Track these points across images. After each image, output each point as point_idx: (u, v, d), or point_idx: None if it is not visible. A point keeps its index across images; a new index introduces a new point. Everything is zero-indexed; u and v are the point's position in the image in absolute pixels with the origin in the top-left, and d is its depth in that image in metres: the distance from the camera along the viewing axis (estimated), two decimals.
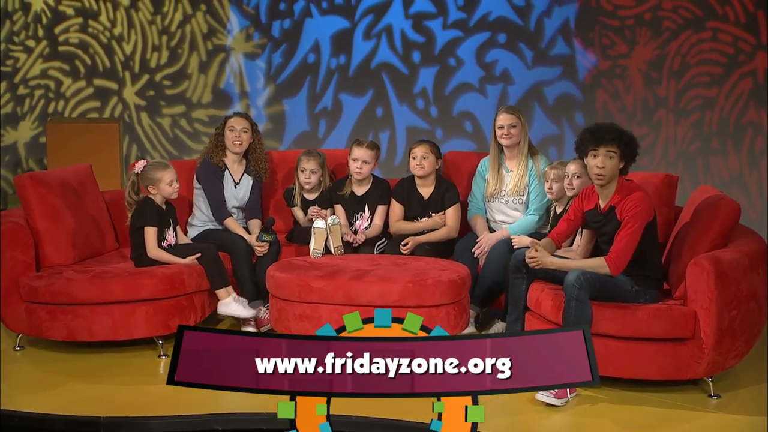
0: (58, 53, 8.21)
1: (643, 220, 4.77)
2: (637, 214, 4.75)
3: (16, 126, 8.29)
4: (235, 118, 5.90)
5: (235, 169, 5.96)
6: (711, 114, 7.40)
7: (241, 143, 5.86)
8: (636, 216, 4.75)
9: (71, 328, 5.21)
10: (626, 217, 4.77)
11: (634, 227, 4.76)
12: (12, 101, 8.33)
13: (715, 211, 4.96)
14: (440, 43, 7.73)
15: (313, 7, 7.85)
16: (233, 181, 5.93)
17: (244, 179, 5.97)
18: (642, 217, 4.77)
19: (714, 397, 4.82)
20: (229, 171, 5.93)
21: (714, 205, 4.99)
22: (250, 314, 5.52)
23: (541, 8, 7.55)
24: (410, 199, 5.89)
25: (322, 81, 7.92)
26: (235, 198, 5.93)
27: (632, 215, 4.75)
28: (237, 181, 5.95)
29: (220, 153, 5.90)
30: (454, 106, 7.72)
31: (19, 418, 4.63)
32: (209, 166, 5.89)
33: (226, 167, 5.92)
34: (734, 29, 7.29)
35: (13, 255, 5.27)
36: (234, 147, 5.86)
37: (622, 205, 4.80)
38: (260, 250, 5.70)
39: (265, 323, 5.64)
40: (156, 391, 4.95)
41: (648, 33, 7.41)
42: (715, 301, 4.59)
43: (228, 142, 5.86)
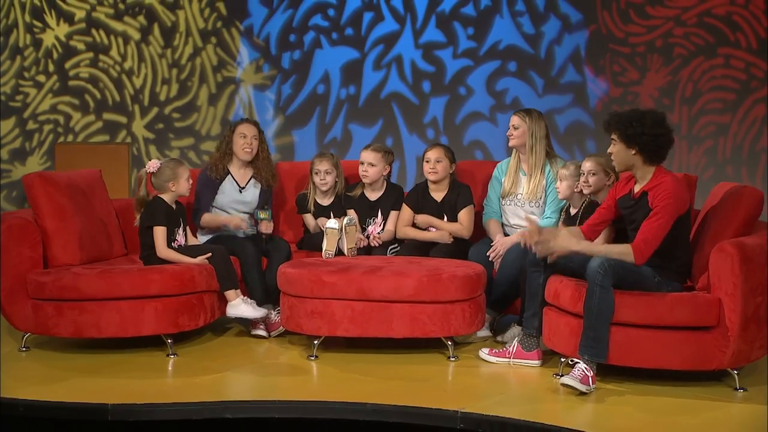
0: (68, 88, 8.26)
1: (674, 211, 4.69)
2: (668, 204, 4.67)
3: (24, 161, 8.30)
4: (245, 125, 5.92)
5: (240, 174, 5.95)
6: (724, 141, 7.40)
7: (252, 150, 5.88)
8: (667, 207, 4.67)
9: (78, 324, 5.13)
10: (657, 207, 4.69)
11: (665, 218, 4.67)
12: (21, 136, 8.35)
13: (739, 201, 4.92)
14: (450, 73, 7.77)
15: (323, 38, 7.93)
16: (238, 186, 5.91)
17: (251, 185, 5.95)
18: (673, 208, 4.69)
19: (740, 390, 4.71)
20: (233, 177, 5.92)
21: (737, 195, 4.95)
22: (259, 315, 5.44)
23: (552, 36, 7.61)
24: (424, 204, 5.87)
25: (332, 111, 7.95)
26: (240, 203, 5.91)
27: (663, 205, 4.67)
28: (243, 186, 5.92)
29: (225, 160, 5.90)
30: (465, 135, 7.73)
31: (25, 406, 4.54)
32: (205, 178, 5.89)
33: (228, 174, 5.91)
34: (746, 55, 7.34)
35: (21, 251, 5.23)
36: (244, 154, 5.88)
37: (654, 192, 4.73)
38: (263, 229, 5.73)
39: (276, 327, 5.56)
40: (164, 384, 4.88)
41: (659, 60, 7.46)
42: (740, 287, 4.52)
43: (238, 149, 5.87)
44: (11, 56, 8.32)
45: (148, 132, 8.15)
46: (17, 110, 8.34)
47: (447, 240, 5.73)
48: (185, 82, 8.12)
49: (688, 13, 7.39)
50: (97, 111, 8.24)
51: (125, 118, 8.21)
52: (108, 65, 8.22)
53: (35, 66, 8.30)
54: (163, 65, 8.15)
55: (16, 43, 8.30)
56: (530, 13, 7.63)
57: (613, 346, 4.65)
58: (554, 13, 7.60)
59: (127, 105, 8.21)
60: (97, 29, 8.22)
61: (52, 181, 5.44)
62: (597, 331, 4.62)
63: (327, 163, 5.91)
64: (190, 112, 8.11)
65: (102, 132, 8.22)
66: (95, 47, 8.22)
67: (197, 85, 8.11)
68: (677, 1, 7.41)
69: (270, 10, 7.98)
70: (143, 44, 8.17)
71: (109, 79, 8.22)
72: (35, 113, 8.32)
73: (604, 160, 5.27)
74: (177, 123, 8.13)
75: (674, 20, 7.42)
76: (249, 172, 5.98)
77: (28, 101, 8.32)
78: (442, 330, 5.12)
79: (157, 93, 8.17)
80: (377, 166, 5.85)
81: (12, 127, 8.36)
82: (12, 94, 8.34)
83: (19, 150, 8.35)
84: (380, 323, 5.10)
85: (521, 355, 5.09)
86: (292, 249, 5.88)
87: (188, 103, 8.13)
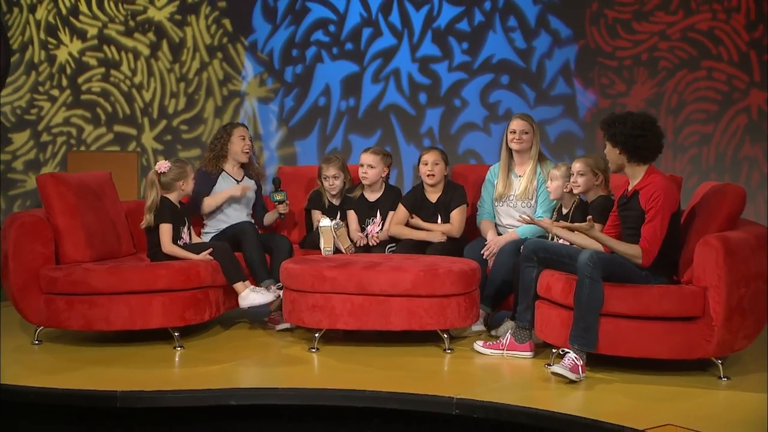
0: (81, 101, 8.26)
1: (668, 209, 4.68)
2: (662, 205, 4.66)
3: (38, 172, 8.28)
4: (243, 128, 6.05)
5: (235, 171, 6.04)
6: (708, 149, 7.40)
7: (249, 151, 5.97)
8: (661, 207, 4.66)
9: (89, 317, 5.12)
10: (652, 210, 4.68)
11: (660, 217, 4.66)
12: (35, 148, 8.35)
13: (722, 197, 4.90)
14: (446, 85, 7.77)
15: (324, 53, 7.93)
16: (234, 180, 5.99)
17: (245, 182, 6.05)
18: (667, 206, 4.68)
19: (724, 379, 4.70)
20: (228, 174, 6.00)
21: (721, 192, 4.94)
22: (270, 298, 5.39)
23: (543, 50, 7.62)
24: (420, 205, 5.86)
25: (333, 123, 7.95)
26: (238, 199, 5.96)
27: (658, 207, 4.66)
28: (239, 180, 6.02)
29: (220, 161, 5.97)
30: (460, 145, 7.72)
31: (36, 394, 4.52)
32: (202, 174, 5.94)
33: (221, 171, 5.99)
34: (728, 68, 7.34)
35: (34, 248, 5.22)
36: (244, 156, 6.00)
37: (645, 191, 4.73)
38: (281, 210, 5.93)
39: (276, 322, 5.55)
40: (171, 373, 4.86)
41: (645, 72, 7.46)
42: (724, 279, 4.50)
43: (237, 150, 5.96)
44: (26, 72, 8.33)
45: (157, 143, 8.15)
46: (32, 123, 8.34)
47: (440, 239, 5.70)
48: (192, 95, 8.12)
49: (673, 28, 7.41)
50: (108, 123, 8.24)
51: (135, 130, 8.21)
52: (119, 80, 8.23)
53: (49, 81, 8.31)
54: (171, 79, 8.16)
55: (32, 59, 8.32)
56: (522, 29, 7.65)
57: (603, 336, 4.64)
58: (545, 28, 7.61)
59: (137, 117, 8.21)
60: (108, 45, 8.24)
61: (63, 181, 5.44)
62: (587, 322, 4.61)
63: (334, 168, 5.96)
64: (197, 124, 8.11)
65: (113, 143, 8.22)
66: (107, 63, 8.23)
67: (204, 98, 8.11)
68: (662, 17, 7.43)
69: (273, 26, 8.00)
70: (152, 59, 8.18)
71: (119, 92, 8.23)
72: (49, 126, 8.32)
73: (592, 161, 5.28)
74: (185, 135, 8.13)
75: (659, 35, 7.43)
76: (242, 171, 6.08)
77: (42, 114, 8.33)
78: (438, 323, 5.10)
79: (166, 106, 8.17)
80: (376, 168, 5.86)
81: (27, 139, 8.37)
82: (27, 107, 8.35)
83: (33, 161, 8.34)
84: (379, 316, 5.08)
85: (514, 347, 5.07)
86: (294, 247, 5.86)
87: (195, 115, 8.13)
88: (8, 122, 8.37)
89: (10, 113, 8.36)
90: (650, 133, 4.73)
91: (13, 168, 8.42)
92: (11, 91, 8.37)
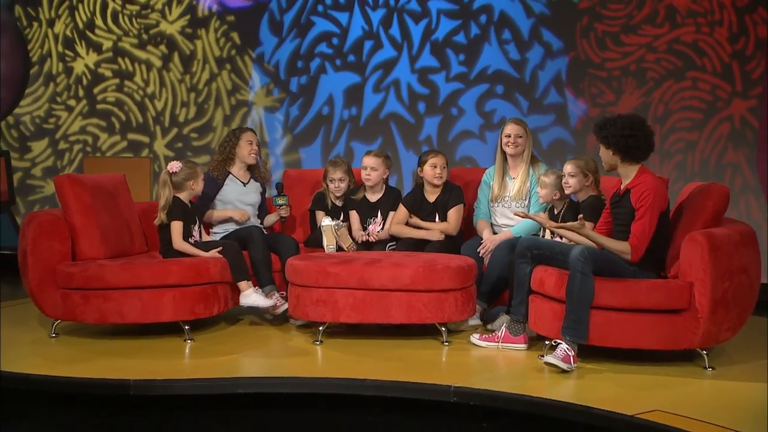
0: (96, 111, 8.28)
1: (657, 207, 4.70)
2: (652, 204, 4.68)
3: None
4: (251, 133, 6.04)
5: (241, 174, 6.04)
6: (693, 156, 7.40)
7: (256, 155, 5.96)
8: (651, 205, 4.68)
9: (103, 311, 5.12)
10: (641, 208, 4.69)
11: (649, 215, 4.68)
12: (53, 155, 8.37)
13: (707, 196, 4.91)
14: (443, 95, 7.78)
15: (327, 64, 7.94)
16: (241, 183, 6.00)
17: (252, 183, 6.04)
18: (656, 205, 4.69)
19: (709, 369, 4.70)
20: (235, 177, 6.00)
21: (706, 191, 4.95)
22: (269, 304, 5.42)
23: (536, 61, 7.63)
24: (420, 205, 5.86)
25: (336, 131, 7.95)
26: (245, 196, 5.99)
27: (648, 205, 4.68)
28: (245, 182, 6.02)
29: (228, 164, 5.97)
30: (457, 151, 7.72)
31: (54, 383, 4.52)
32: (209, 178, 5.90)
33: (228, 174, 5.99)
34: (712, 78, 7.35)
35: (51, 245, 5.22)
36: (251, 159, 5.99)
37: (636, 189, 4.75)
38: (282, 213, 5.93)
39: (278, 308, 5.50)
40: (181, 364, 4.86)
41: (633, 83, 7.47)
42: (709, 273, 4.51)
43: (245, 154, 5.97)
44: (45, 83, 8.35)
45: (169, 150, 8.16)
46: (50, 132, 8.36)
47: (438, 237, 5.70)
48: (202, 104, 8.14)
49: (659, 41, 7.41)
50: (122, 131, 8.26)
51: (148, 137, 8.22)
52: (132, 90, 8.25)
53: (66, 91, 8.33)
54: (182, 90, 8.18)
55: (50, 70, 8.35)
56: (516, 41, 7.65)
57: (593, 328, 4.64)
58: (538, 41, 7.62)
59: (150, 126, 8.22)
60: (122, 57, 8.26)
61: (80, 182, 5.44)
62: (578, 314, 4.61)
63: (340, 171, 5.96)
64: (207, 132, 8.12)
65: (126, 150, 8.23)
66: (121, 74, 8.25)
67: (213, 107, 8.12)
68: (649, 30, 7.43)
69: (279, 39, 8.01)
70: (164, 71, 8.20)
71: (133, 102, 8.24)
72: (66, 134, 8.34)
73: (583, 163, 5.29)
74: (195, 142, 8.14)
75: (646, 47, 7.44)
76: (249, 174, 6.07)
77: (59, 123, 8.35)
78: (436, 316, 5.10)
79: (177, 115, 8.19)
80: (378, 170, 5.87)
81: (45, 147, 8.39)
82: (45, 117, 8.37)
83: (51, 168, 8.36)
84: (380, 310, 5.08)
85: (509, 339, 5.07)
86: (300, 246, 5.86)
87: (205, 123, 8.14)
88: (27, 131, 8.39)
89: (30, 122, 8.38)
90: (640, 133, 4.75)
91: (32, 174, 8.43)
92: (30, 102, 8.40)
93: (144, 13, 8.21)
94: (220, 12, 8.09)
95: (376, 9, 7.86)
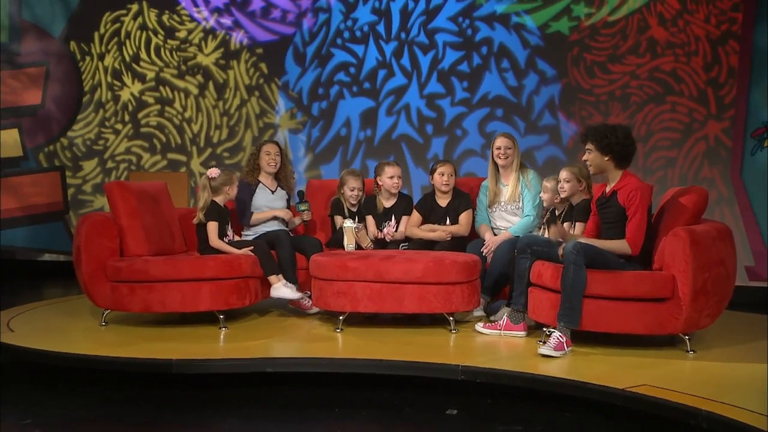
0: (140, 133, 8.35)
1: (645, 205, 4.74)
2: (639, 202, 4.71)
3: (103, 193, 8.34)
4: (269, 145, 6.03)
5: (269, 182, 6.02)
6: (673, 171, 7.41)
7: (276, 164, 5.96)
8: (639, 204, 4.71)
9: (147, 301, 5.13)
10: (631, 207, 4.72)
11: (640, 212, 4.72)
12: (101, 173, 8.42)
13: (687, 197, 4.92)
14: (449, 118, 7.82)
15: (345, 90, 8.00)
16: (269, 190, 5.98)
17: (279, 191, 6.03)
18: (644, 205, 4.73)
19: (690, 352, 4.68)
20: (264, 185, 5.98)
21: (686, 192, 4.96)
22: (296, 296, 5.42)
23: (531, 88, 7.67)
24: (432, 209, 5.88)
25: (353, 150, 7.99)
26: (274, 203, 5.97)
27: (636, 204, 4.71)
28: (273, 190, 6.00)
29: (255, 174, 5.98)
30: (461, 168, 7.73)
31: (104, 362, 4.54)
32: (243, 184, 5.92)
33: (259, 182, 5.97)
34: (689, 102, 7.37)
35: (102, 242, 5.25)
36: (270, 168, 5.96)
37: (623, 191, 4.77)
38: (304, 217, 5.89)
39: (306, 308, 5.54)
40: (217, 347, 4.87)
41: (619, 106, 7.50)
42: (690, 265, 4.51)
43: (264, 164, 5.96)
44: (95, 109, 8.43)
45: (203, 168, 8.20)
46: (99, 152, 8.43)
47: (445, 238, 5.71)
48: (233, 127, 8.19)
49: (641, 69, 7.45)
50: (162, 151, 8.31)
51: (185, 156, 8.27)
52: (172, 115, 8.31)
53: (114, 116, 8.40)
54: (215, 114, 8.24)
55: (100, 98, 8.42)
56: (513, 70, 7.70)
57: (586, 315, 4.63)
58: (533, 69, 7.67)
59: (187, 146, 8.28)
60: (164, 86, 8.33)
61: (127, 188, 5.48)
62: (572, 302, 4.60)
63: (359, 181, 6.01)
64: (237, 152, 8.17)
65: (166, 168, 8.28)
66: (162, 101, 8.32)
67: (243, 129, 8.18)
68: (632, 60, 7.47)
69: (303, 69, 8.07)
70: (200, 98, 8.26)
71: (172, 125, 8.31)
72: (113, 154, 8.40)
73: (577, 170, 5.31)
74: (227, 160, 8.18)
75: (630, 75, 7.48)
76: (276, 182, 6.07)
77: (107, 145, 8.41)
78: (444, 306, 5.09)
79: (211, 136, 8.24)
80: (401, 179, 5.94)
81: (94, 166, 8.45)
82: (95, 139, 8.44)
83: (100, 185, 8.41)
84: (394, 301, 5.08)
85: (510, 327, 5.06)
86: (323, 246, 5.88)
87: (236, 144, 8.19)
88: (79, 152, 8.45)
89: (81, 144, 8.45)
90: (635, 142, 4.84)
91: (83, 190, 8.48)
92: (82, 126, 8.47)
93: (183, 47, 8.29)
94: (250, 45, 8.17)
95: (389, 42, 7.92)
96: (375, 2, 7.93)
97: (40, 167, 8.31)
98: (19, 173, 8.16)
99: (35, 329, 5.19)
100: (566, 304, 4.61)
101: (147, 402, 4.35)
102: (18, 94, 8.15)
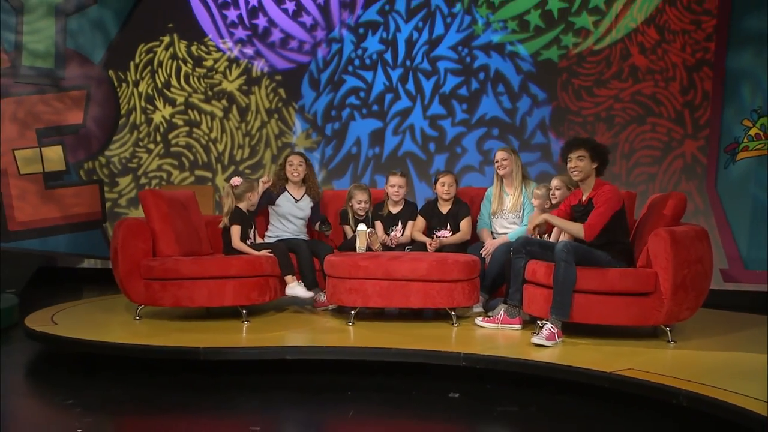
0: (170, 152, 8.40)
1: (612, 204, 4.74)
2: (607, 200, 4.73)
3: (137, 207, 8.38)
4: (293, 156, 6.01)
5: (295, 190, 5.98)
6: (653, 186, 7.42)
7: (299, 174, 5.92)
8: (606, 201, 4.73)
9: (177, 297, 5.14)
10: (600, 201, 4.75)
11: (603, 208, 4.73)
12: (135, 189, 8.46)
13: (668, 202, 4.93)
14: (450, 137, 7.85)
15: (355, 113, 8.05)
16: (294, 198, 5.95)
17: (305, 199, 5.99)
18: (612, 202, 4.74)
19: (671, 342, 4.66)
20: (290, 193, 5.95)
21: (667, 197, 4.98)
22: (309, 296, 5.43)
23: (524, 110, 7.71)
24: (434, 215, 5.89)
25: (362, 166, 8.02)
26: (296, 211, 5.93)
27: (603, 200, 4.74)
28: (298, 199, 5.96)
29: (282, 182, 5.97)
30: (461, 183, 7.68)
31: (140, 350, 4.55)
32: (266, 192, 5.92)
33: (284, 190, 5.95)
34: (668, 123, 7.40)
35: (136, 243, 5.26)
36: (293, 177, 5.93)
37: (597, 196, 4.79)
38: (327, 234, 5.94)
39: (323, 305, 5.55)
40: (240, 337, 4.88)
41: (604, 126, 7.53)
42: (671, 262, 4.51)
43: (288, 173, 5.94)
44: (130, 131, 8.48)
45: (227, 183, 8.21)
46: (133, 169, 8.46)
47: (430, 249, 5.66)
48: (255, 146, 8.23)
49: (624, 93, 7.49)
50: (190, 169, 8.35)
51: (210, 173, 8.31)
52: (199, 135, 8.36)
53: (147, 137, 8.45)
54: (238, 135, 8.28)
55: (134, 121, 8.47)
56: (508, 93, 7.74)
57: (575, 308, 4.63)
58: (526, 93, 7.71)
59: (212, 164, 8.32)
60: (192, 110, 8.38)
61: (159, 195, 5.50)
62: (563, 297, 4.60)
63: (366, 194, 5.98)
64: (258, 169, 8.21)
65: (194, 184, 8.31)
66: (190, 123, 8.37)
67: (263, 148, 8.22)
68: (616, 84, 7.51)
69: (317, 93, 8.12)
70: (225, 120, 8.31)
71: (199, 145, 8.35)
72: (146, 171, 8.43)
73: (567, 179, 5.31)
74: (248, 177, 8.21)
75: (614, 98, 7.51)
76: (303, 190, 6.02)
77: (141, 163, 8.45)
78: (447, 302, 5.09)
79: (234, 155, 8.28)
80: (404, 188, 5.93)
81: (129, 182, 8.48)
82: (130, 158, 8.48)
83: (134, 199, 8.44)
84: (401, 297, 5.08)
85: (507, 321, 5.05)
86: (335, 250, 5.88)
87: (257, 162, 8.23)
88: (115, 169, 8.49)
89: (117, 162, 8.49)
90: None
91: (119, 204, 8.52)
92: (118, 146, 8.51)
93: (209, 75, 8.35)
94: (270, 72, 8.22)
95: (395, 68, 7.97)
96: (383, 33, 7.99)
97: (81, 180, 8.36)
98: (62, 185, 8.21)
99: (76, 322, 5.20)
100: (557, 298, 4.61)
101: (177, 386, 4.35)
102: (62, 114, 8.21)
